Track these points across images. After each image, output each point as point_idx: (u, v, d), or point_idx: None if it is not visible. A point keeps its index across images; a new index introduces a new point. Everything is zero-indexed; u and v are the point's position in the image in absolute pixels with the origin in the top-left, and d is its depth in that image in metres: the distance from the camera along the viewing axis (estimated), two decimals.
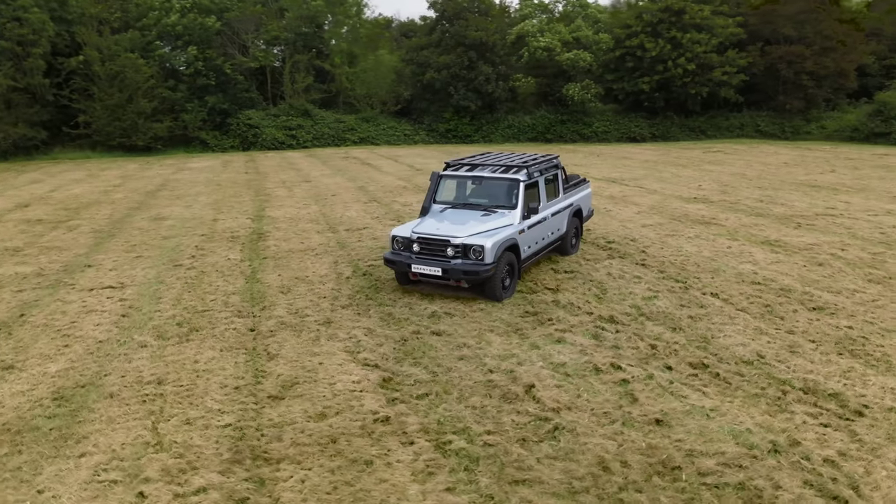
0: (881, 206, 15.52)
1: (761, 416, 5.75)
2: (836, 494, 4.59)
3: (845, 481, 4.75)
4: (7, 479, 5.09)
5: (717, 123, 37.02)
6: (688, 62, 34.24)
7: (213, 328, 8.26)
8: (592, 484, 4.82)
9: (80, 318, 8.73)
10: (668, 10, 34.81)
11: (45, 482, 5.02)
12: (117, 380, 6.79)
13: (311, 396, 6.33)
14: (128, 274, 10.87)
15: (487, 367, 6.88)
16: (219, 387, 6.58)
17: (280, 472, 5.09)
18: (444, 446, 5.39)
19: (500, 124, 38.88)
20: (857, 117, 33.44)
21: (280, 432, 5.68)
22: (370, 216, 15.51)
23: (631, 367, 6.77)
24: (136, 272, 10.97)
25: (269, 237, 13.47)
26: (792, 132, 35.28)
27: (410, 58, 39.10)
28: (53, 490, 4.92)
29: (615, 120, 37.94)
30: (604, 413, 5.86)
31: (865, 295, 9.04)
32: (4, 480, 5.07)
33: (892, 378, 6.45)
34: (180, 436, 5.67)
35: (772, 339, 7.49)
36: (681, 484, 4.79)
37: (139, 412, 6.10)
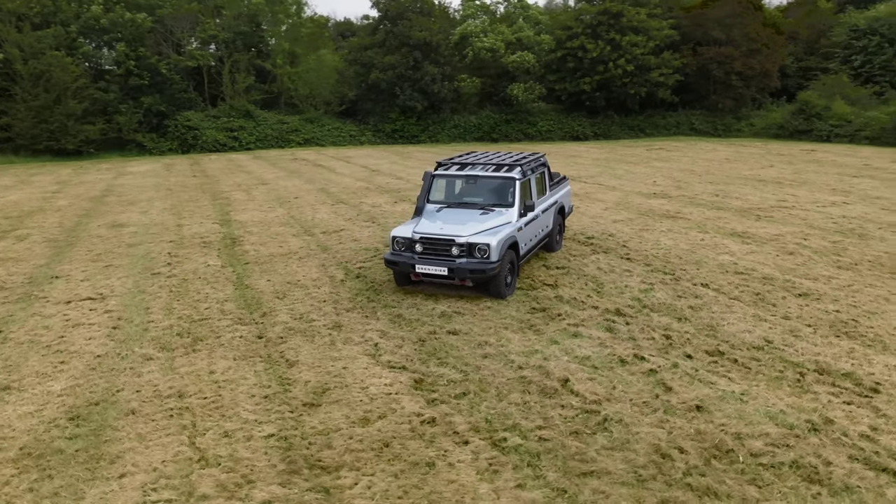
0: (825, 198, 16.58)
1: (788, 397, 6.06)
2: (885, 466, 4.90)
3: (886, 453, 5.09)
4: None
5: (655, 122, 38.50)
6: (627, 63, 35.45)
7: (218, 337, 7.96)
8: (657, 471, 4.96)
9: (67, 332, 8.20)
10: (607, 12, 35.92)
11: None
12: (133, 395, 6.44)
13: (348, 402, 6.20)
14: (104, 284, 10.30)
15: (515, 363, 6.94)
16: (247, 397, 6.35)
17: (342, 480, 4.98)
18: (500, 444, 5.41)
19: (446, 124, 39.06)
20: (781, 115, 35.54)
21: (328, 439, 5.54)
22: (342, 218, 15.28)
23: (654, 358, 6.99)
24: (112, 282, 10.41)
25: (243, 242, 13.05)
26: (724, 130, 37.13)
27: (354, 58, 38.74)
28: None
29: (558, 119, 38.82)
30: (643, 403, 6.03)
31: (840, 280, 9.65)
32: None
33: (891, 356, 6.93)
34: (223, 449, 5.44)
35: (772, 325, 7.89)
36: (739, 465, 5.00)
37: (170, 427, 5.81)
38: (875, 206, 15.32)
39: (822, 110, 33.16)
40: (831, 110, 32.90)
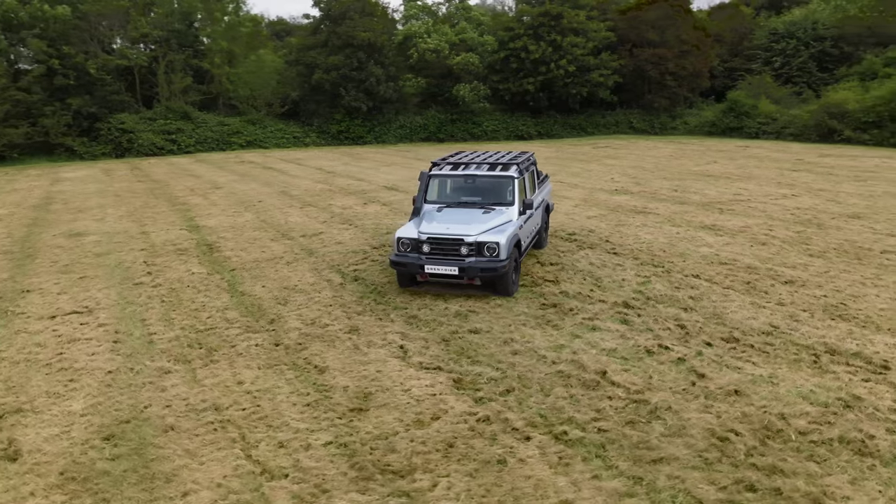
0: (774, 191, 17.60)
1: (812, 378, 6.46)
2: None
3: None
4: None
5: (595, 121, 39.69)
6: (568, 64, 36.37)
7: (233, 346, 7.69)
8: (720, 454, 5.18)
9: (64, 348, 7.72)
10: (547, 14, 36.74)
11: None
12: (164, 410, 6.15)
13: (396, 405, 6.15)
14: (85, 297, 9.73)
15: (548, 358, 7.06)
16: (289, 405, 6.19)
17: (419, 483, 4.94)
18: (561, 438, 5.51)
19: (391, 125, 38.90)
20: (713, 114, 37.39)
21: (390, 443, 5.48)
22: (316, 221, 15.01)
23: (677, 347, 7.27)
24: (93, 294, 9.85)
25: (221, 248, 12.61)
26: (661, 128, 38.71)
27: (296, 58, 37.99)
28: None
29: (503, 119, 39.38)
30: (683, 390, 6.27)
31: (815, 268, 10.30)
32: None
33: (887, 336, 7.48)
34: (284, 460, 5.29)
35: (772, 312, 8.35)
36: (793, 444, 5.29)
37: (218, 441, 5.59)
38: (821, 197, 16.39)
39: (750, 109, 35.12)
40: (758, 109, 34.89)
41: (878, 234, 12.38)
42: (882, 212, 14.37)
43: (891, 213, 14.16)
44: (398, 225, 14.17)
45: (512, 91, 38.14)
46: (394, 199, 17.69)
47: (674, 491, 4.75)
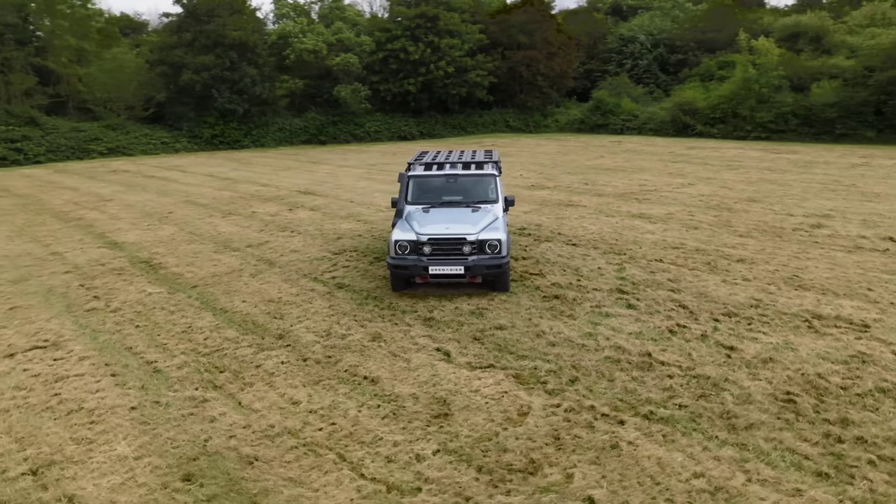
0: (671, 181, 19.38)
1: (818, 340, 7.34)
2: None
3: None
4: None
5: (474, 120, 40.93)
6: (447, 65, 37.17)
7: (258, 366, 7.16)
8: (794, 414, 5.78)
9: (57, 389, 6.73)
10: (424, 16, 37.25)
11: None
12: (230, 441, 5.63)
13: (477, 406, 6.12)
14: (35, 329, 8.49)
15: (587, 346, 7.36)
16: (367, 419, 5.93)
17: (552, 477, 5.01)
18: (651, 417, 5.82)
19: (270, 127, 37.40)
20: (581, 112, 40.11)
21: (498, 444, 5.47)
22: (252, 230, 14.18)
23: (692, 325, 7.91)
24: (42, 325, 8.62)
25: (165, 264, 11.53)
26: (534, 126, 40.81)
27: (160, 58, 35.19)
28: None
29: (384, 120, 39.35)
30: (724, 363, 6.86)
31: (751, 247, 11.58)
32: None
33: (847, 300, 8.66)
34: (404, 475, 5.09)
35: (744, 287, 9.32)
36: (844, 398, 6.03)
37: (319, 465, 5.24)
38: (713, 185, 18.34)
39: (614, 107, 38.15)
40: (621, 107, 37.99)
41: (779, 214, 14.15)
42: (770, 195, 16.40)
43: (777, 196, 16.20)
44: (345, 230, 13.82)
45: (393, 92, 38.23)
46: (320, 204, 17.14)
47: (778, 451, 5.23)
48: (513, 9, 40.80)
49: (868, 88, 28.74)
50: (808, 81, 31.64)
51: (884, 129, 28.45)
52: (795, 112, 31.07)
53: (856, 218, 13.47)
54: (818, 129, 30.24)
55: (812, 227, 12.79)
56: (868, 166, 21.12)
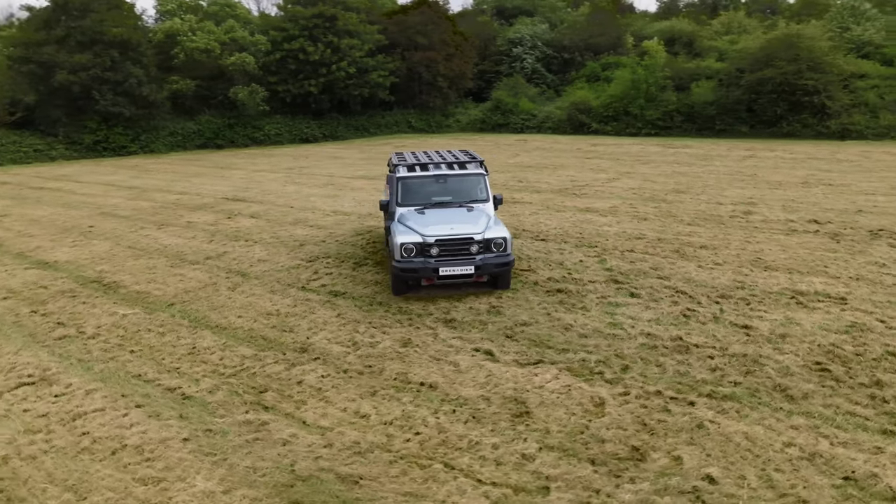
0: (595, 176, 20.43)
1: (812, 314, 8.12)
2: None
3: None
4: None
5: (377, 121, 40.61)
6: (348, 66, 36.60)
7: (300, 382, 6.78)
8: (834, 381, 6.36)
9: (82, 428, 5.98)
10: (321, 15, 36.43)
11: None
12: (319, 462, 5.31)
13: (551, 402, 6.19)
14: (9, 364, 7.47)
15: (619, 336, 7.66)
16: (452, 424, 5.81)
17: (662, 461, 5.20)
18: (716, 396, 6.19)
19: (160, 132, 34.92)
20: (481, 112, 41.04)
21: (595, 435, 5.58)
22: (200, 241, 13.26)
23: (699, 309, 8.45)
24: (16, 359, 7.61)
25: (121, 283, 10.52)
26: (437, 126, 41.20)
27: (25, 56, 31.70)
28: None
29: (285, 122, 38.05)
30: (747, 342, 7.41)
31: (705, 234, 12.50)
32: None
33: (814, 276, 9.63)
34: (521, 475, 5.07)
35: (722, 272, 10.08)
36: (864, 363, 6.73)
37: (433, 476, 5.08)
38: (636, 179, 19.55)
39: (513, 107, 39.41)
40: (520, 107, 39.33)
41: (709, 203, 15.37)
42: (691, 186, 17.75)
43: (698, 187, 17.57)
44: (304, 237, 13.30)
45: (293, 93, 37.04)
46: (259, 211, 16.32)
47: (840, 415, 5.77)
48: (409, 10, 40.92)
49: (741, 88, 31.83)
50: (688, 82, 34.50)
51: (755, 124, 31.64)
52: (679, 110, 33.75)
53: (776, 204, 14.94)
54: (700, 125, 33.06)
55: (745, 214, 14.02)
56: (756, 158, 23.43)
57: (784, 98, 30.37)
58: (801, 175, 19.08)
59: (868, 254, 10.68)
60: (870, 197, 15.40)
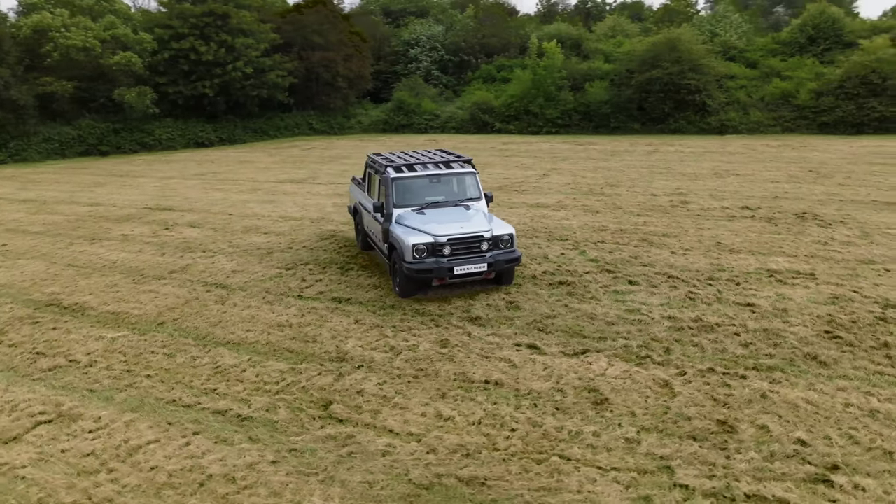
0: (526, 173, 21.09)
1: (796, 290, 8.99)
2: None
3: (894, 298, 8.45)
4: None
5: (276, 123, 39.14)
6: (245, 66, 35.02)
7: (361, 392, 6.55)
8: (850, 346, 7.13)
9: (147, 462, 5.41)
10: (213, 13, 34.57)
11: None
12: (436, 469, 5.20)
13: (621, 388, 6.43)
14: (10, 400, 6.57)
15: (643, 321, 8.07)
16: (541, 417, 5.89)
17: (751, 430, 5.60)
18: (761, 369, 6.73)
19: (33, 138, 31.54)
20: (383, 113, 40.81)
21: (685, 415, 5.89)
22: (151, 254, 12.26)
23: (697, 290, 9.08)
24: (14, 397, 6.69)
25: (85, 305, 9.53)
26: (338, 128, 40.44)
27: None
28: None
29: (177, 126, 35.67)
30: (757, 318, 8.06)
31: (658, 223, 13.37)
32: None
33: (777, 257, 10.65)
34: (638, 459, 5.26)
35: (693, 257, 10.87)
36: (865, 328, 7.58)
37: (557, 469, 5.14)
38: (564, 174, 20.42)
39: (416, 107, 39.59)
40: (422, 107, 39.58)
41: (644, 195, 16.41)
42: (620, 180, 18.84)
43: (626, 180, 18.69)
44: (266, 245, 12.70)
45: (185, 95, 34.84)
46: (197, 220, 15.30)
47: (872, 376, 6.49)
48: (303, 9, 39.81)
49: (631, 88, 34.11)
50: (582, 82, 36.45)
51: (646, 121, 34.05)
52: (577, 109, 35.57)
53: (703, 193, 16.26)
54: (596, 123, 35.03)
55: (682, 203, 15.15)
56: (660, 152, 25.26)
57: (670, 97, 32.90)
58: (709, 167, 20.84)
59: (807, 234, 11.96)
60: (777, 184, 17.16)
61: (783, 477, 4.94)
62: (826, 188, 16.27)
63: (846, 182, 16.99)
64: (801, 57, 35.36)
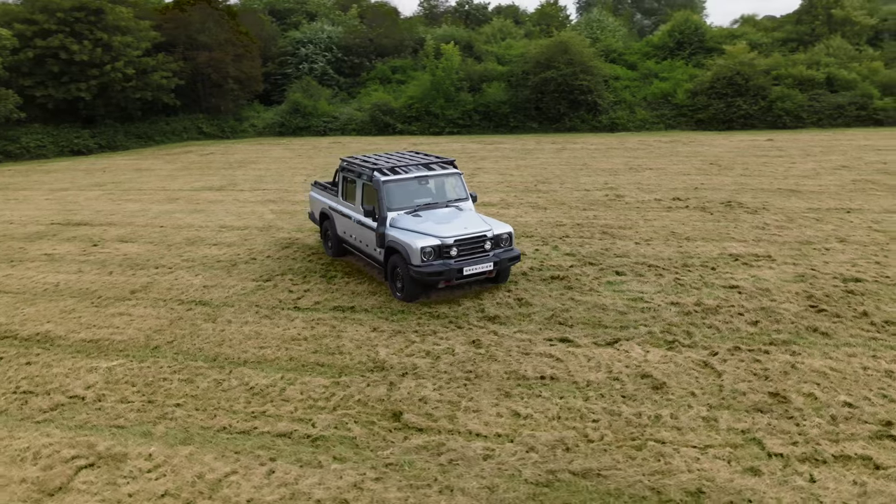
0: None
1: (765, 270, 9.91)
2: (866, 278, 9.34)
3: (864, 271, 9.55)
4: None
5: (161, 128, 36.49)
6: (125, 66, 32.38)
7: (423, 399, 6.42)
8: (838, 317, 8.01)
9: (237, 496, 4.99)
10: (85, 8, 31.63)
11: None
12: (546, 466, 5.26)
13: (669, 372, 6.79)
14: (27, 447, 5.77)
15: (651, 307, 8.55)
16: (617, 405, 6.10)
17: (799, 398, 6.17)
18: (778, 342, 7.39)
19: None
20: (278, 115, 39.34)
21: (739, 388, 6.35)
22: (95, 274, 11.13)
23: (682, 278, 9.74)
24: (32, 442, 5.88)
25: (52, 335, 8.50)
26: (231, 132, 38.43)
27: None
28: None
29: (48, 132, 32.25)
30: (747, 298, 8.82)
31: (606, 217, 14.13)
32: None
33: (729, 242, 11.62)
34: (740, 438, 5.63)
35: (658, 246, 11.62)
36: (840, 300, 8.55)
37: (668, 454, 5.37)
38: (492, 174, 20.88)
39: (313, 109, 38.60)
40: (319, 109, 38.67)
41: (578, 190, 17.22)
42: (547, 177, 19.60)
43: (553, 177, 19.48)
44: (225, 257, 11.96)
45: (56, 98, 31.57)
46: (127, 234, 14.03)
47: (868, 341, 7.35)
48: (184, 5, 37.44)
49: (528, 88, 35.50)
50: (478, 83, 37.38)
51: (543, 121, 35.58)
52: (476, 109, 36.42)
53: (630, 187, 17.34)
54: (496, 123, 36.09)
55: (617, 197, 16.09)
56: (568, 150, 26.54)
57: (564, 97, 34.62)
58: (620, 162, 22.21)
59: (742, 220, 13.18)
60: (689, 177, 18.68)
61: (853, 437, 5.50)
62: (733, 179, 17.95)
63: (746, 173, 18.84)
64: (673, 60, 38.56)
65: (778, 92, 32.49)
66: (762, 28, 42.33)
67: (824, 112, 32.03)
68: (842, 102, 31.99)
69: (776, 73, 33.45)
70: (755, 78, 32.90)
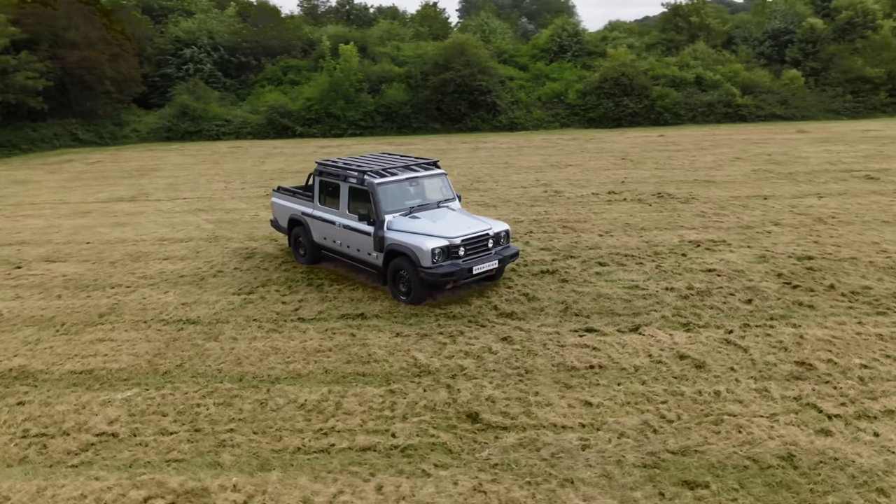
0: None
1: (729, 255, 10.80)
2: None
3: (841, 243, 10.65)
4: None
5: (28, 135, 32.77)
6: None
7: (488, 399, 6.42)
8: (811, 291, 8.96)
9: None
10: None
11: None
12: (648, 449, 5.48)
13: (703, 352, 7.28)
14: (84, 493, 5.11)
15: (651, 293, 9.07)
16: (681, 386, 6.46)
17: (825, 366, 6.87)
18: (776, 317, 8.15)
19: None
20: (164, 119, 36.65)
21: (767, 359, 6.94)
22: (40, 298, 9.93)
23: (661, 265, 10.39)
24: (88, 488, 5.21)
25: (31, 369, 7.51)
26: (111, 137, 35.26)
27: None
28: None
29: None
30: (728, 279, 9.59)
31: (559, 213, 14.67)
32: None
33: (675, 231, 12.54)
34: (779, 403, 6.15)
35: (621, 237, 12.29)
36: (806, 277, 9.54)
37: (739, 423, 5.77)
38: None
39: (203, 112, 36.44)
40: (210, 112, 36.59)
41: (515, 188, 17.73)
42: (482, 176, 19.93)
43: (488, 176, 19.86)
44: (185, 271, 11.14)
45: None
46: (50, 253, 12.58)
47: (847, 311, 8.29)
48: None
49: (428, 89, 35.83)
50: (378, 84, 37.18)
51: (445, 121, 36.08)
52: (377, 110, 36.19)
53: (562, 183, 18.11)
54: (399, 124, 36.08)
55: (556, 193, 16.75)
56: (483, 149, 27.09)
57: (464, 98, 35.33)
58: (538, 160, 23.07)
59: (679, 210, 14.25)
60: (610, 171, 19.82)
61: (885, 393, 6.23)
62: (650, 172, 19.29)
63: (659, 167, 20.31)
64: (561, 62, 40.56)
65: (658, 91, 35.22)
66: (635, 33, 45.67)
67: (697, 109, 35.19)
68: (711, 101, 35.31)
69: (653, 74, 36.26)
70: (637, 78, 35.42)
